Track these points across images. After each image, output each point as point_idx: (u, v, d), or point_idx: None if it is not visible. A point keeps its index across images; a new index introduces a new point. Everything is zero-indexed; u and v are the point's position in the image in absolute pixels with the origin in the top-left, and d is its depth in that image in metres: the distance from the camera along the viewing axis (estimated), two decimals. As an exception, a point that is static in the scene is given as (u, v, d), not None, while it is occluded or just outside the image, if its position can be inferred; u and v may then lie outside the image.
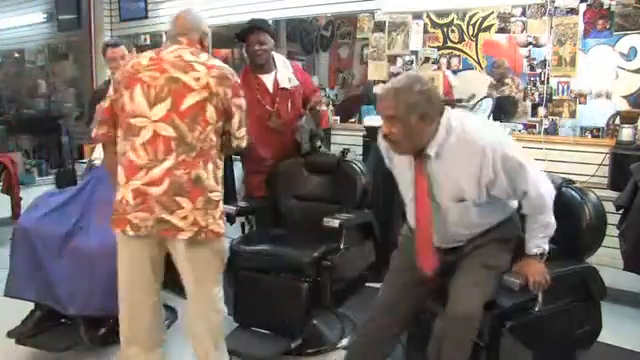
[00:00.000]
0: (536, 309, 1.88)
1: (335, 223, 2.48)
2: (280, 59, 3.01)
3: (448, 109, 1.83)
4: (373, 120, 3.64)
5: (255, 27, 2.86)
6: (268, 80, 2.93)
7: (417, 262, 1.92)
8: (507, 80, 3.44)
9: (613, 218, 2.57)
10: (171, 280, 3.07)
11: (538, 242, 1.88)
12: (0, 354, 2.47)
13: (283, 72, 2.96)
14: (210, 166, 1.92)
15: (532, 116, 3.37)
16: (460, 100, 3.57)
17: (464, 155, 1.78)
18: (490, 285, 1.85)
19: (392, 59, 3.84)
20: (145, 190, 1.86)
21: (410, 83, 1.77)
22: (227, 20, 4.62)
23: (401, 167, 1.95)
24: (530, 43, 3.33)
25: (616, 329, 2.54)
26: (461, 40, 3.57)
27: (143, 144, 1.86)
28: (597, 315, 2.08)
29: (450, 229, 1.91)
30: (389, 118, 1.78)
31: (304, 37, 4.30)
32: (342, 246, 2.52)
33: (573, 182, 2.22)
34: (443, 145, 1.80)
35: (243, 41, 2.92)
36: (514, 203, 1.95)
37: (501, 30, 3.42)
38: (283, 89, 2.95)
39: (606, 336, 2.16)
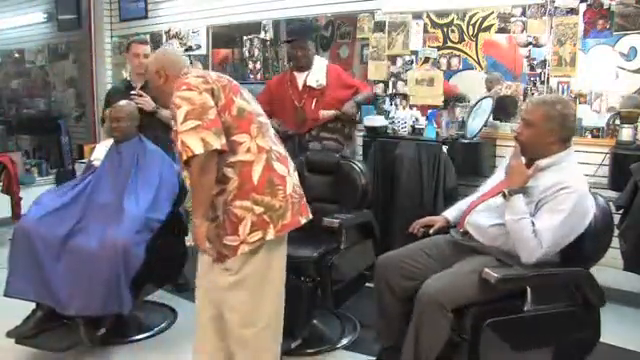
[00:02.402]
0: (525, 309, 1.88)
1: (335, 223, 2.48)
2: (319, 62, 3.34)
3: (573, 148, 2.04)
4: (373, 120, 3.65)
5: (299, 38, 3.27)
6: (300, 78, 3.30)
7: (460, 222, 2.22)
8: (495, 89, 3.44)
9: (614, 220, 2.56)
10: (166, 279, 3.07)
11: (521, 206, 1.95)
12: (0, 354, 2.47)
13: (315, 73, 3.27)
14: None
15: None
16: (462, 99, 3.57)
17: (547, 183, 1.94)
18: (471, 289, 1.90)
19: (392, 59, 3.84)
20: (296, 176, 2.02)
21: (556, 101, 2.03)
22: (227, 20, 4.64)
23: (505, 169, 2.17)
24: (530, 43, 3.32)
25: (616, 329, 2.54)
26: (461, 40, 3.56)
27: (275, 137, 2.02)
28: (595, 321, 2.03)
29: (480, 215, 2.12)
30: (525, 121, 2.03)
31: (304, 37, 4.31)
32: (342, 246, 2.52)
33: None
34: (551, 166, 2.00)
35: (289, 43, 3.34)
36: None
37: (501, 30, 3.41)
38: (310, 87, 3.26)
39: (607, 336, 2.15)
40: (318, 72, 3.29)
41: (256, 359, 2.01)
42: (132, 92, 3.14)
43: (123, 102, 2.87)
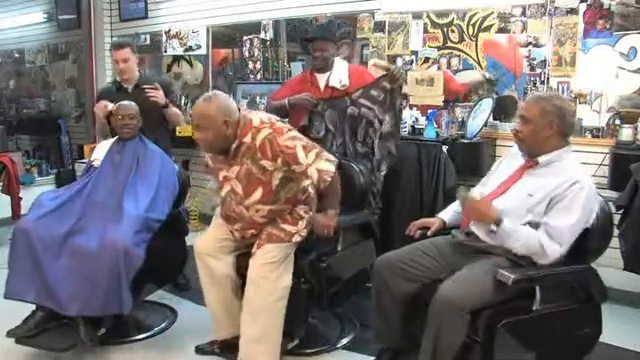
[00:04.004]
0: (534, 308, 1.89)
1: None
2: (340, 63, 3.22)
3: (571, 147, 2.07)
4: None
5: (320, 37, 3.15)
6: (322, 79, 3.18)
7: (462, 222, 2.23)
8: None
9: (614, 218, 2.56)
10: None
11: (512, 226, 1.95)
12: (0, 354, 2.47)
13: (336, 73, 3.16)
14: None
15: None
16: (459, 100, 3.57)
17: (557, 179, 1.97)
18: (488, 290, 1.90)
19: (392, 59, 3.84)
20: None
21: (552, 97, 2.08)
22: (227, 20, 4.64)
23: (507, 167, 2.20)
24: (530, 43, 3.32)
25: (617, 329, 2.54)
26: (461, 40, 3.56)
27: None
28: (597, 317, 2.06)
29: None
30: (523, 118, 2.05)
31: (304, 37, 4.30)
32: (339, 247, 2.51)
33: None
34: (552, 162, 2.03)
35: (309, 42, 3.22)
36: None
37: (501, 30, 3.41)
38: (333, 88, 3.15)
39: (607, 336, 2.15)
40: (340, 72, 3.16)
41: (264, 333, 2.21)
42: (146, 86, 3.15)
43: (126, 102, 2.87)
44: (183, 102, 4.76)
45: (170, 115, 3.26)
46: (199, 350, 2.56)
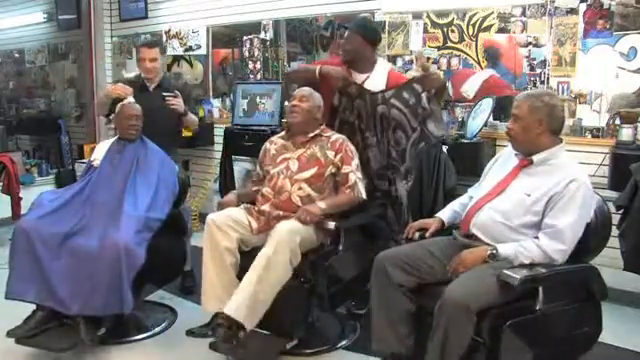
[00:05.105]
0: (537, 308, 1.89)
1: (331, 225, 2.45)
2: (382, 67, 2.94)
3: (565, 145, 2.08)
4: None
5: (348, 27, 2.95)
6: (358, 79, 2.86)
7: (461, 224, 2.23)
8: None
9: (613, 218, 2.56)
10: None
11: (509, 249, 1.96)
12: (0, 354, 2.47)
13: (375, 79, 2.86)
14: None
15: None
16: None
17: (554, 178, 1.98)
18: (494, 291, 1.89)
19: (392, 59, 3.83)
20: None
21: (542, 93, 2.10)
22: (227, 20, 4.64)
23: (502, 167, 2.21)
24: (530, 43, 3.32)
25: (616, 329, 2.54)
26: (461, 40, 3.57)
27: None
28: (598, 316, 2.07)
29: (487, 216, 2.09)
30: (514, 116, 2.07)
31: (304, 37, 4.30)
32: (340, 248, 2.51)
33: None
34: (547, 160, 2.04)
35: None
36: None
37: (501, 30, 3.41)
38: None
39: (606, 336, 2.16)
40: (379, 78, 2.85)
41: (265, 285, 2.29)
42: (166, 94, 3.08)
43: (132, 101, 2.85)
44: (183, 102, 4.75)
45: (187, 121, 3.23)
46: (190, 333, 2.55)
